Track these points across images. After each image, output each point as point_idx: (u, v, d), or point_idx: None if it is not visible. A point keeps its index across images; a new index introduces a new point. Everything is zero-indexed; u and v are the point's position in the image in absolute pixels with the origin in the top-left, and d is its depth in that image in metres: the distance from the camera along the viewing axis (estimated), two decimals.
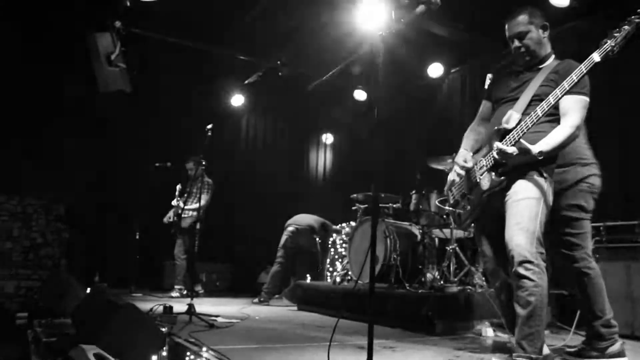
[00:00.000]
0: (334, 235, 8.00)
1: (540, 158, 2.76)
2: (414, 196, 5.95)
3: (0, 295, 7.59)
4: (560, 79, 2.85)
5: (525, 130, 2.80)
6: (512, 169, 2.88)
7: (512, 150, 2.75)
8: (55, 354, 3.57)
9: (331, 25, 7.07)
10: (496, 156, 2.82)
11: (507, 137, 2.88)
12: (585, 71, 2.66)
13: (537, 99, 2.92)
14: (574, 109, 2.85)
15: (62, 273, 6.35)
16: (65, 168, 8.12)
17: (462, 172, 3.16)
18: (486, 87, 3.53)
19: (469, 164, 3.09)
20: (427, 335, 4.53)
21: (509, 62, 3.28)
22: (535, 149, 2.73)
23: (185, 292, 7.48)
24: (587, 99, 2.88)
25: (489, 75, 3.57)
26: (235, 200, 9.80)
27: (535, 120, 2.76)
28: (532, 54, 3.05)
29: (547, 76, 2.98)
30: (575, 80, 2.68)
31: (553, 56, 3.12)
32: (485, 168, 2.98)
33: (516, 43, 3.04)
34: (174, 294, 7.44)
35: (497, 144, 2.80)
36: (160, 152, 8.14)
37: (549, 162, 2.93)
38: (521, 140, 2.74)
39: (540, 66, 3.07)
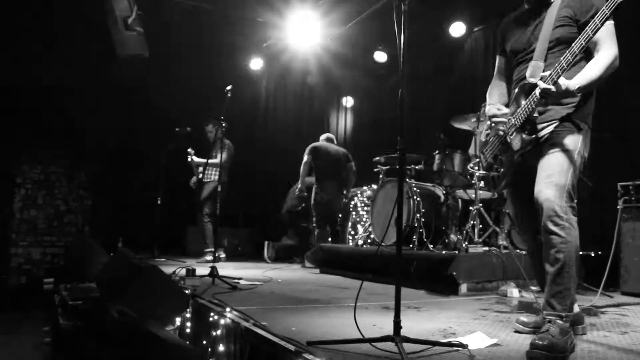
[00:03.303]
0: (354, 198, 7.97)
1: (578, 95, 2.60)
2: (437, 156, 5.85)
3: (28, 261, 7.73)
4: (576, 14, 2.70)
5: (551, 84, 2.65)
6: (544, 123, 2.77)
7: (553, 88, 2.54)
8: (81, 316, 3.61)
9: None
10: (538, 92, 2.61)
11: (535, 90, 2.74)
12: (608, 13, 2.48)
13: (555, 42, 2.76)
14: (606, 37, 2.66)
15: (86, 239, 6.41)
16: (86, 135, 8.15)
17: (499, 121, 2.95)
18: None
19: (504, 110, 2.94)
20: (452, 296, 4.50)
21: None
22: (572, 84, 2.55)
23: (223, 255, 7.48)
24: (612, 22, 2.67)
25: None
26: (257, 164, 9.79)
27: (560, 73, 2.60)
28: None
29: (558, 13, 2.78)
30: (599, 25, 2.50)
31: None
32: (515, 127, 2.85)
33: None
34: (208, 257, 7.30)
35: (540, 83, 2.59)
36: (180, 116, 8.10)
37: (584, 108, 2.78)
38: (558, 81, 2.56)
39: (551, 0, 2.87)
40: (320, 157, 7.37)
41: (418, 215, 5.74)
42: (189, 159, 7.61)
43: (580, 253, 2.73)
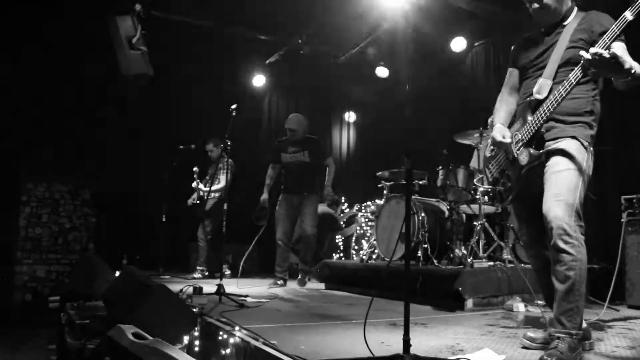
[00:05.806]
0: (358, 214, 7.98)
1: (629, 76, 2.46)
2: (440, 172, 5.88)
3: (32, 279, 7.73)
4: (590, 37, 2.73)
5: (560, 100, 2.69)
6: (550, 141, 2.80)
7: (607, 54, 2.37)
8: (90, 335, 3.62)
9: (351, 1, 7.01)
10: (589, 57, 2.41)
11: (541, 107, 2.78)
12: (618, 32, 2.51)
13: (566, 62, 2.79)
14: (625, 54, 2.61)
15: (92, 256, 6.42)
16: (89, 153, 8.18)
17: (502, 143, 2.96)
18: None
19: (507, 140, 2.94)
20: (458, 311, 4.51)
21: (533, 25, 3.14)
22: (628, 63, 2.45)
23: (206, 274, 7.53)
24: (624, 45, 2.68)
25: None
26: (260, 180, 9.80)
27: (569, 89, 2.64)
28: (554, 12, 2.89)
29: (572, 35, 2.82)
30: (609, 43, 2.53)
31: (575, 9, 2.94)
32: (521, 143, 2.87)
33: (535, 5, 2.89)
34: (196, 275, 7.50)
35: (593, 49, 2.41)
36: (184, 134, 8.15)
37: (589, 129, 2.81)
38: (612, 45, 2.50)
39: (564, 23, 2.91)
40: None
41: (422, 231, 5.75)
42: (194, 184, 7.69)
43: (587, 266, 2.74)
